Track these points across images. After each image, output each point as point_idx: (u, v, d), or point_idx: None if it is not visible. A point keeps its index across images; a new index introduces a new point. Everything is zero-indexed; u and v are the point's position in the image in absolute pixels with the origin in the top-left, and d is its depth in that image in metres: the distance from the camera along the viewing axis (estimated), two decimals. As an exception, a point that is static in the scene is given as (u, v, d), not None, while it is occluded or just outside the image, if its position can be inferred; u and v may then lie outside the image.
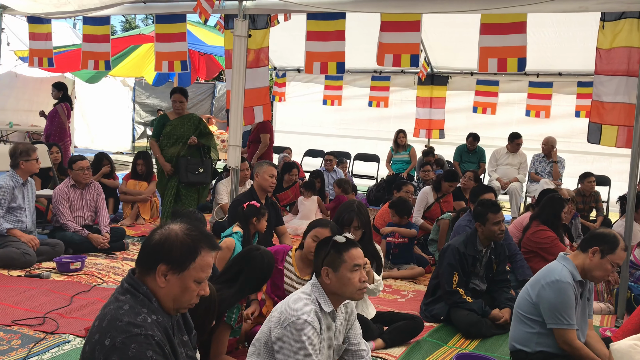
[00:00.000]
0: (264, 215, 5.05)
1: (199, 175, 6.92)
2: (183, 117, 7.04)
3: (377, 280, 3.84)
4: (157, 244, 2.15)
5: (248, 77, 6.43)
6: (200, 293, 2.20)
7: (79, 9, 7.51)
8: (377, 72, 11.50)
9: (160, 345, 2.04)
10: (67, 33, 12.90)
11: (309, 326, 2.67)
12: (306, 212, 7.80)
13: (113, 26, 29.04)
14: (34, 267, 5.37)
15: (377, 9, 6.12)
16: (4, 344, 3.63)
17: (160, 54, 7.24)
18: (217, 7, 6.38)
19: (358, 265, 2.82)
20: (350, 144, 12.06)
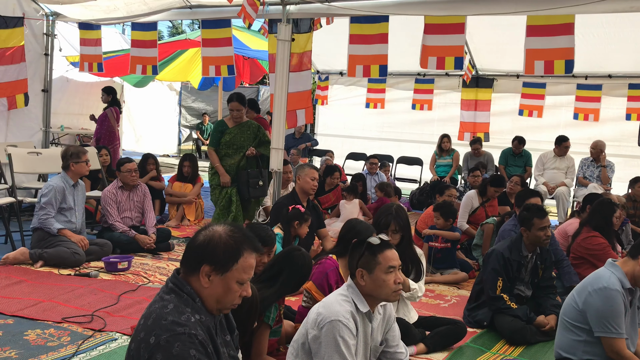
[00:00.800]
0: (307, 221, 5.07)
1: (259, 189, 6.71)
2: (242, 125, 6.80)
3: (414, 289, 3.81)
4: (201, 245, 2.19)
5: (291, 81, 6.48)
6: (242, 294, 2.23)
7: (128, 15, 7.72)
8: (420, 75, 11.42)
9: (203, 345, 2.07)
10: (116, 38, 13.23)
11: (345, 327, 2.68)
12: (348, 215, 7.78)
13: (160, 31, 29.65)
14: (83, 267, 5.52)
15: (421, 11, 6.09)
16: (54, 340, 3.75)
17: (207, 59, 7.36)
18: (261, 12, 6.45)
19: (393, 267, 2.81)
20: (393, 147, 11.99)
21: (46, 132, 8.38)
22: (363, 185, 8.56)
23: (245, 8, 6.05)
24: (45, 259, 5.42)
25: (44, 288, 4.77)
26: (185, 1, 7.22)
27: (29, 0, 7.81)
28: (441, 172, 10.21)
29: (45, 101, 8.34)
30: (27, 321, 4.05)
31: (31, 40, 7.89)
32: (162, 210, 8.13)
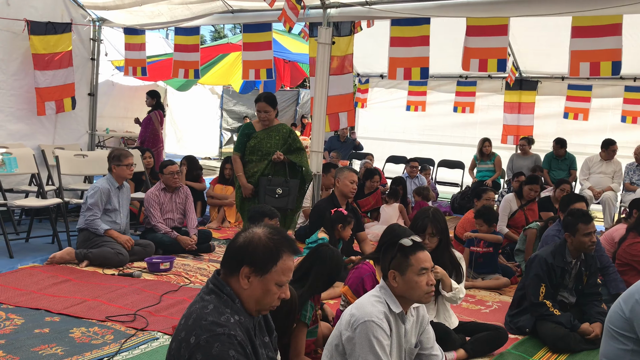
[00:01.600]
0: (350, 223, 5.08)
1: (279, 199, 5.63)
2: (271, 129, 5.84)
3: (456, 289, 3.77)
4: (241, 247, 2.21)
5: (332, 84, 6.48)
6: (281, 296, 2.24)
7: (171, 20, 7.86)
8: (462, 77, 11.30)
9: (242, 345, 2.09)
10: (160, 43, 13.48)
11: (378, 328, 2.67)
12: (387, 219, 7.75)
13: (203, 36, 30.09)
14: (127, 267, 5.63)
15: (463, 13, 6.03)
16: (98, 338, 3.83)
17: (247, 62, 7.43)
18: (302, 16, 6.48)
19: (425, 268, 2.79)
20: (434, 150, 11.89)
21: (92, 135, 8.59)
22: (403, 189, 8.51)
23: (286, 12, 6.09)
24: (90, 259, 5.55)
25: (89, 287, 4.88)
26: (227, 6, 7.31)
27: (77, 7, 8.03)
28: (482, 176, 10.06)
29: (91, 105, 8.55)
30: (73, 319, 4.15)
31: (78, 45, 8.11)
32: (204, 212, 8.24)
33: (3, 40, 7.10)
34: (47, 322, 4.07)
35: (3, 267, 5.33)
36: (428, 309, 3.51)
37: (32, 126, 7.56)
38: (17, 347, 3.59)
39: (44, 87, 7.44)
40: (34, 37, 7.27)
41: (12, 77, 7.25)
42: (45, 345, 3.66)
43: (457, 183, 11.23)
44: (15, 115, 7.36)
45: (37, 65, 7.36)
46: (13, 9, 7.12)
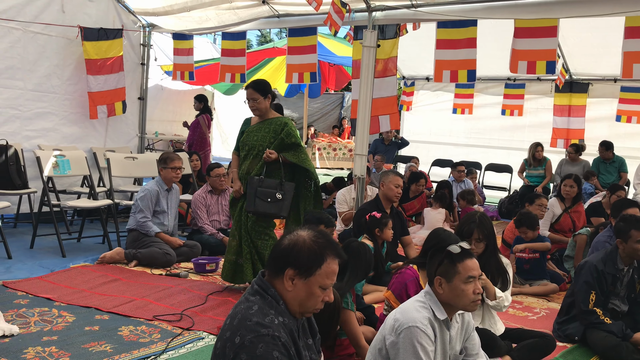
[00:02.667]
0: (386, 224, 5.06)
1: (272, 204, 4.79)
2: (264, 122, 5.05)
3: (500, 297, 3.70)
4: (286, 249, 2.23)
5: (375, 87, 6.46)
6: (324, 299, 2.25)
7: (218, 25, 7.97)
8: (510, 80, 11.09)
9: (285, 347, 2.10)
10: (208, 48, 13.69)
11: (423, 334, 2.65)
12: (433, 223, 7.67)
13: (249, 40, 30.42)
14: (174, 267, 5.74)
15: (511, 14, 5.92)
16: (145, 337, 3.92)
17: (291, 66, 7.47)
18: (347, 19, 6.48)
19: (472, 277, 2.74)
20: (481, 153, 11.71)
21: (142, 138, 8.79)
22: (449, 193, 8.41)
23: (331, 16, 6.10)
24: (139, 259, 5.68)
25: (137, 286, 4.99)
26: (274, 10, 7.37)
27: (128, 13, 8.24)
28: (533, 182, 9.84)
29: (141, 108, 8.75)
30: (121, 318, 4.26)
31: (129, 50, 8.31)
32: (249, 214, 8.30)
33: (58, 47, 7.34)
34: (97, 320, 4.19)
35: (56, 266, 5.51)
36: (473, 315, 3.46)
37: (84, 129, 7.78)
38: (69, 344, 3.70)
39: (96, 91, 7.66)
40: (87, 43, 7.50)
41: (66, 82, 7.49)
42: (95, 342, 3.77)
43: (505, 187, 11.04)
44: (69, 118, 7.59)
45: (90, 70, 7.58)
46: (68, 16, 7.36)
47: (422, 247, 3.83)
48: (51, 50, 7.27)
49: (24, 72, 6.99)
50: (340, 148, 17.16)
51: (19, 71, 6.95)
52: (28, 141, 7.09)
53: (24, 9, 6.90)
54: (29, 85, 7.08)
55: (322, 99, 19.74)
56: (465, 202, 8.09)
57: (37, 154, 6.37)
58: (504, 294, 3.77)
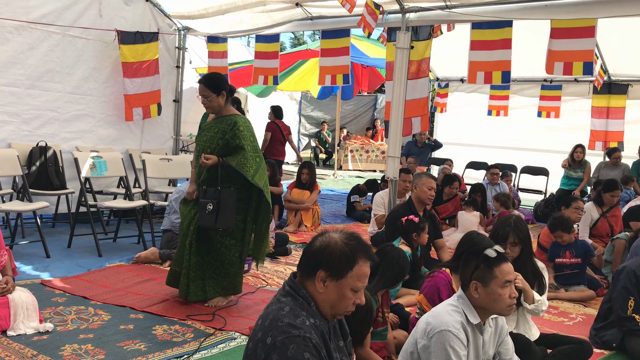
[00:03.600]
0: (424, 229, 5.02)
1: (208, 216, 4.40)
2: (217, 120, 4.61)
3: (538, 301, 3.63)
4: (318, 251, 2.23)
5: (409, 89, 6.43)
6: (356, 302, 2.24)
7: (252, 28, 8.03)
8: (547, 81, 10.91)
9: (317, 348, 2.10)
10: (241, 50, 13.78)
11: (455, 337, 2.62)
12: (466, 225, 7.59)
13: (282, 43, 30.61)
14: (207, 267, 5.79)
15: (547, 15, 5.82)
16: (179, 336, 3.96)
17: (324, 68, 7.48)
18: (380, 21, 6.46)
19: (509, 281, 2.71)
20: (517, 156, 11.53)
21: (176, 140, 8.90)
22: (482, 196, 8.31)
23: (365, 17, 6.09)
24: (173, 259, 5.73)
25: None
26: (307, 13, 7.40)
27: (164, 17, 8.36)
28: (570, 185, 9.64)
29: (176, 111, 8.86)
30: (155, 317, 4.32)
31: (164, 53, 8.43)
32: (281, 215, 8.36)
33: (95, 50, 7.48)
34: (132, 319, 4.25)
35: (92, 265, 5.61)
36: (507, 320, 3.41)
37: (120, 131, 7.92)
38: (104, 342, 3.77)
39: (132, 94, 7.78)
40: (124, 47, 7.63)
41: (103, 85, 7.64)
42: (130, 341, 3.82)
43: (541, 190, 10.85)
44: (105, 120, 7.74)
45: (126, 73, 7.71)
46: (105, 20, 7.51)
47: (455, 250, 3.79)
48: (89, 53, 7.43)
49: (62, 75, 7.15)
50: (373, 150, 17.11)
51: (58, 74, 7.11)
52: (66, 143, 7.25)
53: (63, 14, 7.06)
54: (67, 88, 7.24)
55: (354, 101, 19.72)
56: (500, 205, 7.97)
57: (75, 155, 6.51)
58: (541, 297, 3.70)
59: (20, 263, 5.43)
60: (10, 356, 3.46)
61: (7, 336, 3.74)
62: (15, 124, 6.81)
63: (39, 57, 6.92)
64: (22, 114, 6.86)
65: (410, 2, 6.44)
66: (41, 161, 6.64)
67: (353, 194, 9.39)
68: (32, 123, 6.95)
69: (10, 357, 3.44)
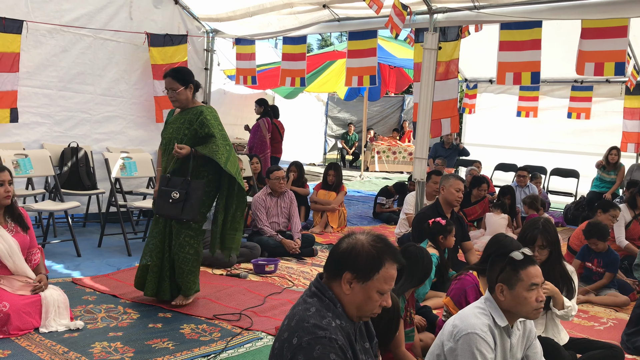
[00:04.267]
0: (451, 232, 4.98)
1: (172, 205, 4.33)
2: (182, 113, 4.58)
3: (568, 306, 3.58)
4: (344, 252, 2.23)
5: (437, 90, 6.39)
6: (382, 304, 2.23)
7: (280, 30, 8.07)
8: (577, 82, 10.75)
9: (342, 350, 2.10)
10: (269, 52, 13.87)
11: (482, 340, 2.60)
12: (495, 228, 7.50)
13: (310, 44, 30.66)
14: (234, 267, 5.83)
15: (578, 15, 5.74)
16: (206, 335, 4.00)
17: (351, 70, 7.48)
18: (408, 22, 6.44)
19: (535, 284, 2.67)
20: (546, 157, 11.37)
21: (204, 141, 8.96)
22: (511, 198, 8.22)
23: (392, 18, 6.08)
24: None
25: (199, 286, 5.10)
26: (334, 14, 7.41)
27: (192, 19, 8.45)
28: (602, 187, 9.47)
29: (204, 112, 8.93)
30: (183, 316, 4.36)
31: (193, 55, 8.52)
32: (307, 216, 8.38)
33: (126, 52, 7.60)
34: (160, 317, 4.30)
35: (122, 264, 5.70)
36: (536, 323, 3.37)
37: (150, 132, 8.02)
38: (133, 340, 3.82)
39: (162, 95, 7.87)
40: (153, 49, 7.73)
41: (133, 87, 7.75)
42: (158, 339, 3.87)
43: (571, 193, 10.69)
44: (135, 122, 7.85)
45: (156, 75, 7.80)
46: (135, 22, 7.62)
47: (483, 252, 3.75)
48: (119, 56, 7.54)
49: (93, 77, 7.28)
50: (400, 151, 17.04)
51: (89, 76, 7.24)
52: (97, 144, 7.37)
53: (95, 17, 7.19)
54: (99, 89, 7.36)
55: (382, 102, 19.66)
56: (528, 207, 7.87)
57: (106, 156, 6.62)
58: (571, 303, 3.65)
59: (52, 262, 5.54)
60: (42, 352, 3.54)
61: (40, 333, 3.82)
62: (47, 125, 6.95)
63: (71, 59, 7.06)
64: (54, 116, 6.99)
65: (438, 2, 6.40)
66: (73, 162, 6.76)
67: (380, 195, 9.37)
68: (64, 124, 7.09)
69: (42, 354, 3.52)
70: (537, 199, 7.93)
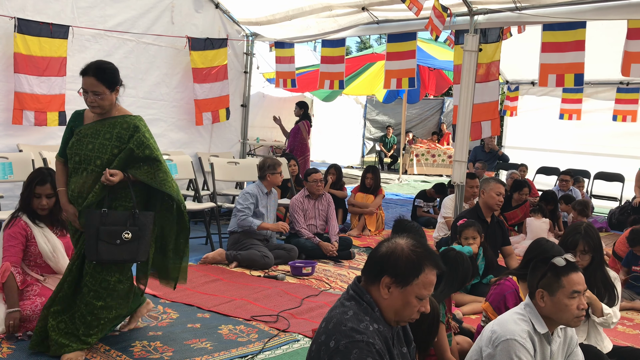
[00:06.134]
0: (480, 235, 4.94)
1: (121, 247, 3.49)
2: (105, 122, 3.63)
3: (607, 314, 3.49)
4: (384, 256, 2.22)
5: (477, 92, 6.31)
6: (420, 309, 2.22)
7: (319, 33, 8.09)
8: (623, 84, 10.47)
9: (380, 354, 2.09)
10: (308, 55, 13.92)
11: (521, 347, 2.55)
12: (536, 232, 7.37)
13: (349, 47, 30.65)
14: (272, 269, 5.86)
15: (623, 15, 5.59)
16: (243, 336, 4.03)
17: (390, 72, 7.44)
18: (448, 23, 6.38)
19: (577, 291, 2.61)
20: (590, 161, 11.11)
21: (244, 144, 9.05)
22: (555, 203, 8.05)
23: (432, 20, 6.02)
24: (239, 260, 5.85)
25: (237, 287, 5.15)
26: (373, 17, 7.39)
27: (232, 23, 8.54)
28: None
29: (243, 115, 9.02)
30: (221, 316, 4.41)
31: (233, 59, 8.61)
32: (344, 219, 8.37)
33: (167, 56, 7.72)
34: (199, 317, 4.36)
35: (162, 265, 5.78)
36: (578, 331, 3.29)
37: (190, 135, 8.13)
38: (172, 340, 3.88)
39: (202, 99, 7.98)
40: (194, 53, 7.84)
41: (174, 90, 7.87)
42: (197, 339, 3.92)
43: (616, 197, 10.41)
44: (176, 125, 7.96)
45: (196, 79, 7.91)
46: (177, 27, 7.74)
47: (523, 257, 3.69)
48: (161, 59, 7.67)
49: (136, 80, 7.41)
50: (440, 154, 16.88)
51: (132, 80, 7.37)
52: (139, 146, 7.49)
53: (137, 22, 7.32)
54: (140, 93, 7.49)
55: (421, 105, 19.52)
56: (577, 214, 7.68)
57: (147, 158, 6.72)
58: (612, 309, 3.55)
59: (95, 261, 5.66)
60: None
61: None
62: (92, 128, 7.10)
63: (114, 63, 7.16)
64: (98, 119, 7.14)
65: (478, 4, 6.32)
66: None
67: (418, 198, 9.30)
68: (107, 127, 7.22)
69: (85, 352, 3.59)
70: (587, 205, 7.70)
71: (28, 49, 6.24)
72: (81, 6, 6.76)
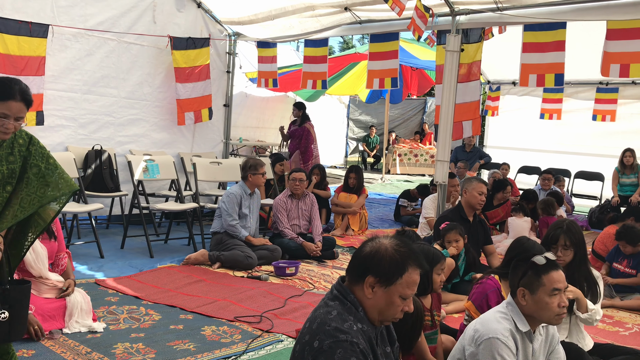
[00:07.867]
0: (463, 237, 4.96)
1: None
2: None
3: (592, 310, 3.52)
4: (368, 256, 2.22)
5: (459, 92, 6.35)
6: (404, 309, 2.23)
7: (302, 33, 8.08)
8: (602, 84, 10.59)
9: (364, 354, 2.09)
10: (290, 55, 13.89)
11: (503, 345, 2.57)
12: (519, 231, 7.42)
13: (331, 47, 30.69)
14: (255, 270, 5.84)
15: (603, 16, 5.66)
16: (227, 337, 4.01)
17: (372, 72, 7.45)
18: (430, 24, 6.41)
19: (558, 289, 2.63)
20: (571, 160, 11.21)
21: (226, 144, 9.02)
22: (535, 202, 8.12)
23: (414, 20, 6.05)
24: (222, 261, 5.83)
25: (220, 288, 5.13)
26: (355, 17, 7.40)
27: (215, 22, 8.50)
28: (626, 191, 9.31)
29: (226, 115, 8.99)
30: (204, 318, 4.38)
31: (215, 58, 8.57)
32: (328, 219, 8.37)
33: (149, 56, 7.67)
34: (182, 319, 4.33)
35: (144, 266, 5.75)
36: (559, 329, 3.32)
37: (173, 135, 8.08)
38: (155, 341, 3.85)
39: (184, 98, 7.94)
40: (176, 52, 7.79)
41: (156, 90, 7.81)
42: (179, 340, 3.89)
43: (596, 196, 10.53)
44: (158, 124, 7.91)
45: (179, 78, 7.86)
46: (159, 26, 7.68)
47: (505, 256, 3.71)
48: (143, 59, 7.61)
49: (117, 80, 7.36)
50: (422, 154, 16.96)
51: (114, 80, 7.31)
52: (120, 146, 7.45)
53: (119, 21, 7.26)
54: (122, 93, 7.44)
55: (403, 105, 19.59)
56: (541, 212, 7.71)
57: (129, 159, 6.68)
58: (595, 306, 3.59)
59: (76, 263, 5.60)
60: (65, 352, 3.58)
61: (63, 333, 3.87)
62: (72, 128, 7.03)
63: (95, 63, 7.14)
64: (78, 119, 7.08)
65: (460, 4, 6.36)
66: (96, 164, 6.84)
67: (402, 197, 9.33)
68: (88, 127, 7.16)
69: (66, 354, 3.56)
70: (552, 204, 7.71)
71: (6, 48, 6.16)
72: (61, 5, 6.69)
